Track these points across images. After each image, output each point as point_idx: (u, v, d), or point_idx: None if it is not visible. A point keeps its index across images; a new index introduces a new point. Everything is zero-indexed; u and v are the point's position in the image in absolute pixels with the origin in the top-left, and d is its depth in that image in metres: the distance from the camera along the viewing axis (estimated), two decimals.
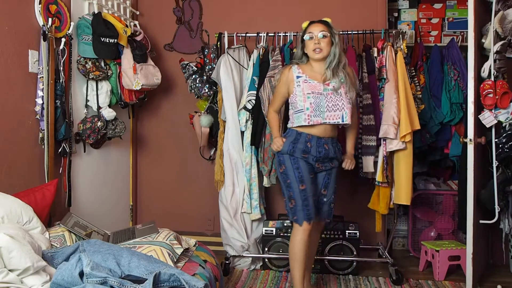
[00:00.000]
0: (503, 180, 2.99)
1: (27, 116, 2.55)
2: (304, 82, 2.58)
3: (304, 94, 2.55)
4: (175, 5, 3.84)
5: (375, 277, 3.22)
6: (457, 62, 3.56)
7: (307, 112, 2.53)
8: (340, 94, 2.55)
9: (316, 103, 2.53)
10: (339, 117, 2.54)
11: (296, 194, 2.58)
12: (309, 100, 2.54)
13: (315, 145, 2.57)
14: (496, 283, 3.02)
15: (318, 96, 2.53)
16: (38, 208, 2.20)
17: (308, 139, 2.57)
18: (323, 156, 2.59)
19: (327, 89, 2.56)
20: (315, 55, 2.58)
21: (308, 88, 2.56)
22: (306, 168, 2.58)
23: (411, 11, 4.01)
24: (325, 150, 2.59)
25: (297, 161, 2.58)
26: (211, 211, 3.76)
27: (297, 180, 2.57)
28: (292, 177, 2.57)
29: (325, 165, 2.64)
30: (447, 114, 3.54)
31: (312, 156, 2.58)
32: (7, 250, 1.66)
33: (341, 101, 2.54)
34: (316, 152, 2.57)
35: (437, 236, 3.64)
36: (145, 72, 3.19)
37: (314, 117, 2.53)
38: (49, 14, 2.63)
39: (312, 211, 2.58)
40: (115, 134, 3.14)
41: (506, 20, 2.95)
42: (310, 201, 2.57)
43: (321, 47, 2.56)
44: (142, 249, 2.11)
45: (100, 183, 3.29)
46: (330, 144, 2.61)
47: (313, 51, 2.58)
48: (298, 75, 2.61)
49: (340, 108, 2.54)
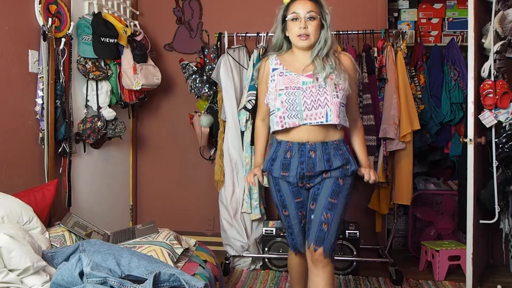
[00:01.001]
0: (503, 180, 2.99)
1: (27, 116, 2.55)
2: (279, 75, 2.09)
3: (276, 91, 2.05)
4: (175, 5, 3.84)
5: (375, 277, 3.22)
6: (457, 62, 3.56)
7: (278, 113, 2.03)
8: (323, 87, 2.01)
9: (290, 100, 2.01)
10: (322, 115, 2.00)
11: (282, 219, 2.21)
12: (280, 98, 2.02)
13: (297, 155, 2.05)
14: (496, 283, 3.02)
15: (293, 92, 2.02)
16: (38, 208, 2.20)
17: (288, 147, 2.07)
18: (307, 170, 2.04)
19: (308, 82, 2.03)
20: (299, 41, 2.04)
21: (281, 83, 2.05)
22: (288, 190, 2.11)
23: (411, 11, 4.01)
24: (311, 160, 2.03)
25: (278, 182, 2.12)
26: (211, 211, 3.76)
27: (279, 205, 2.17)
28: (275, 199, 2.17)
29: (314, 182, 2.09)
30: (447, 114, 3.55)
31: (292, 174, 2.06)
32: (7, 250, 1.66)
33: (323, 95, 2.00)
34: (297, 165, 2.05)
35: (437, 236, 3.63)
36: (145, 72, 3.19)
37: (288, 118, 2.02)
38: (49, 14, 2.63)
39: (297, 241, 2.17)
40: (115, 134, 3.14)
41: (506, 20, 2.95)
42: (295, 229, 2.15)
43: (307, 32, 2.03)
44: (142, 249, 2.11)
45: (100, 183, 3.29)
46: (321, 150, 2.04)
47: (297, 36, 2.04)
48: (274, 67, 2.12)
49: (323, 104, 2.00)
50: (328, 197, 2.04)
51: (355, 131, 2.24)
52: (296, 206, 2.13)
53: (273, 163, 2.12)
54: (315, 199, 2.07)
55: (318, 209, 2.04)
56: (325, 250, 2.03)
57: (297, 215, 2.14)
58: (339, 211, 2.05)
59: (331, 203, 2.04)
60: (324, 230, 2.02)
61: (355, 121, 2.23)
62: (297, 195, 2.12)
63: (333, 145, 2.06)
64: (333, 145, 2.06)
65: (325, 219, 2.03)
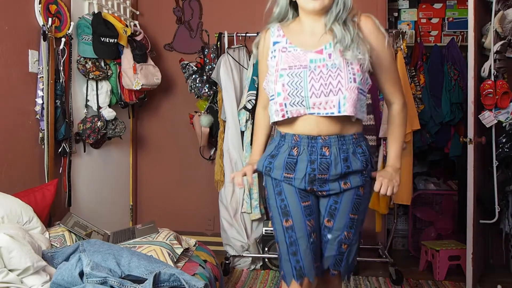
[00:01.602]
0: (503, 180, 3.00)
1: (27, 116, 2.55)
2: (281, 51, 1.63)
3: (277, 71, 1.60)
4: (175, 5, 3.84)
5: (375, 277, 3.22)
6: (457, 62, 3.56)
7: (278, 99, 1.59)
8: (337, 67, 1.54)
9: (293, 83, 1.56)
10: (334, 104, 1.54)
11: (279, 234, 1.66)
12: (281, 80, 1.58)
13: (306, 152, 1.61)
14: (496, 283, 3.02)
15: (298, 72, 1.57)
16: (38, 208, 2.20)
17: (295, 142, 1.62)
18: (319, 172, 1.60)
19: (317, 59, 1.57)
20: (309, 3, 1.57)
21: (284, 61, 1.61)
22: (293, 192, 1.64)
23: (411, 11, 4.01)
24: (325, 158, 1.59)
25: (279, 184, 1.66)
26: (211, 211, 3.76)
27: (278, 212, 1.66)
28: (274, 207, 1.68)
29: (327, 189, 1.63)
30: (447, 114, 3.55)
31: (298, 176, 1.62)
32: (7, 250, 1.66)
33: (336, 78, 1.54)
34: (306, 165, 1.60)
35: (437, 236, 3.63)
36: (145, 72, 3.19)
37: (291, 105, 1.58)
38: (49, 14, 2.62)
39: (304, 264, 1.62)
40: (115, 134, 3.14)
41: (506, 20, 2.95)
42: (302, 247, 1.62)
43: None
44: (142, 249, 2.11)
45: (100, 183, 3.29)
46: (337, 146, 1.60)
47: None
48: (276, 40, 1.66)
49: (335, 90, 1.53)
50: (349, 213, 1.65)
51: (391, 116, 1.73)
52: (304, 212, 1.64)
53: (273, 161, 1.67)
54: (333, 215, 1.65)
55: (338, 228, 1.65)
56: (343, 274, 1.71)
57: (304, 225, 1.63)
58: (359, 225, 1.69)
59: (352, 220, 1.65)
60: (343, 251, 1.67)
61: (390, 104, 1.73)
62: (304, 198, 1.65)
63: (352, 140, 1.62)
64: (352, 140, 1.62)
65: (346, 239, 1.65)
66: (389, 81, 1.70)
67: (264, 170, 1.70)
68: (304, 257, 1.62)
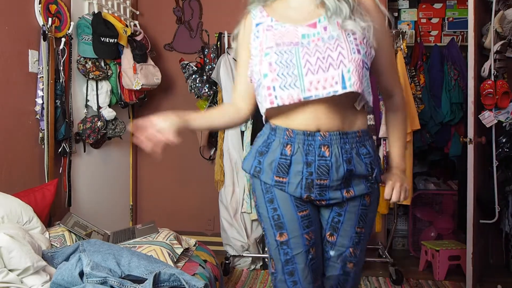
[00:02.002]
0: (503, 180, 3.00)
1: (27, 116, 2.55)
2: (266, 30, 1.35)
3: (261, 51, 1.32)
4: (175, 5, 3.84)
5: (375, 277, 3.22)
6: (457, 62, 3.57)
7: (265, 81, 1.29)
8: (336, 39, 1.27)
9: (283, 61, 1.27)
10: (336, 80, 1.24)
11: (273, 249, 1.41)
12: (267, 59, 1.29)
13: (301, 151, 1.32)
14: (496, 283, 3.02)
15: (288, 49, 1.28)
16: (38, 208, 2.20)
17: (288, 139, 1.33)
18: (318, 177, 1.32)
19: (311, 33, 1.29)
20: None
21: (269, 39, 1.32)
22: (287, 199, 1.36)
23: (411, 11, 4.01)
24: (324, 160, 1.31)
25: (270, 190, 1.38)
26: (211, 211, 3.75)
27: (271, 224, 1.39)
28: (265, 217, 1.41)
29: (327, 197, 1.36)
30: (447, 114, 3.55)
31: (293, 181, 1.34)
32: (7, 250, 1.66)
33: (336, 49, 1.25)
34: (301, 168, 1.32)
35: (437, 236, 3.63)
36: (145, 72, 3.19)
37: (281, 88, 1.27)
38: (49, 14, 2.62)
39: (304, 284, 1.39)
40: (115, 134, 3.14)
41: (506, 19, 2.95)
42: (299, 265, 1.37)
43: None
44: (142, 249, 2.11)
45: (100, 183, 3.29)
46: (338, 145, 1.32)
47: None
48: (258, 22, 1.39)
49: (336, 63, 1.24)
50: (355, 226, 1.41)
51: (390, 112, 1.49)
52: (301, 224, 1.37)
53: (262, 160, 1.38)
54: (336, 229, 1.41)
55: (341, 244, 1.41)
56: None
57: (302, 239, 1.37)
58: (366, 239, 1.46)
59: (358, 235, 1.42)
60: (349, 271, 1.44)
61: (390, 95, 1.48)
62: (301, 206, 1.37)
63: (356, 138, 1.34)
64: (356, 138, 1.34)
65: (351, 257, 1.42)
66: (390, 68, 1.45)
67: (253, 171, 1.40)
68: (302, 278, 1.38)
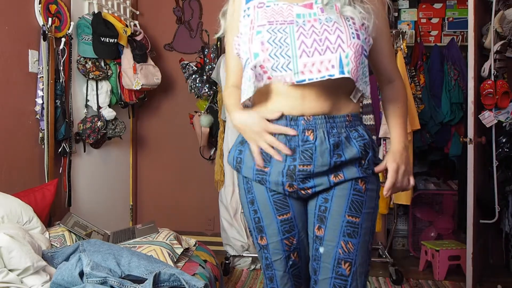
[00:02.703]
0: (503, 180, 3.00)
1: (27, 116, 2.55)
2: (257, 7, 1.25)
3: (252, 29, 1.22)
4: (175, 5, 3.84)
5: (375, 277, 3.22)
6: (457, 62, 3.56)
7: (255, 60, 1.18)
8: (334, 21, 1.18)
9: (276, 40, 1.17)
10: (332, 64, 1.15)
11: (257, 251, 1.36)
12: (259, 37, 1.18)
13: (283, 137, 1.22)
14: (496, 283, 3.02)
15: (281, 28, 1.18)
16: (38, 208, 2.20)
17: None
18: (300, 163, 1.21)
19: (306, 13, 1.20)
20: None
21: (261, 17, 1.22)
22: (266, 200, 1.28)
23: (411, 10, 4.00)
24: (308, 145, 1.21)
25: (251, 188, 1.30)
26: (211, 211, 3.76)
27: (253, 226, 1.32)
28: (248, 218, 1.34)
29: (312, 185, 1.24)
30: (447, 114, 3.55)
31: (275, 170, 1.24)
32: (7, 250, 1.66)
33: (334, 32, 1.16)
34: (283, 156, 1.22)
35: (437, 236, 3.63)
36: (145, 72, 3.19)
37: (273, 70, 1.18)
38: (49, 14, 2.62)
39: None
40: (115, 134, 3.14)
41: (506, 19, 2.95)
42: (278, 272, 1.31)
43: None
44: (142, 249, 2.11)
45: (100, 183, 3.29)
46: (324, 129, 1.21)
47: None
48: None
49: (333, 46, 1.15)
50: (345, 214, 1.23)
51: (390, 97, 1.37)
52: (280, 228, 1.28)
53: (243, 149, 1.30)
54: (323, 219, 1.24)
55: (331, 237, 1.23)
56: None
57: (281, 245, 1.28)
58: (365, 235, 1.25)
59: (351, 224, 1.23)
60: (345, 273, 1.22)
61: (390, 81, 1.38)
62: (281, 209, 1.27)
63: (345, 122, 1.24)
64: (345, 122, 1.24)
65: (345, 254, 1.22)
66: (390, 54, 1.36)
67: (235, 164, 1.31)
68: (281, 285, 1.31)
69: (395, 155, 1.28)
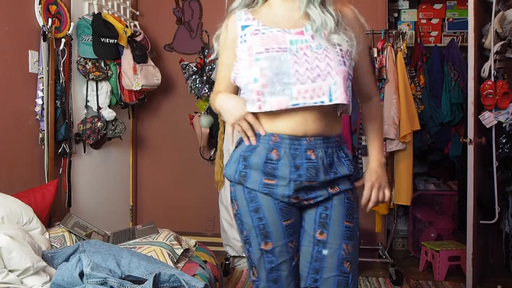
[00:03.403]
0: (503, 181, 3.00)
1: (27, 116, 2.55)
2: (253, 33, 1.37)
3: (252, 55, 1.34)
4: (175, 5, 3.84)
5: (375, 278, 3.22)
6: (457, 62, 3.57)
7: (255, 86, 1.31)
8: (323, 48, 1.33)
9: (274, 68, 1.30)
10: (323, 91, 1.30)
11: (256, 258, 1.41)
12: (258, 64, 1.31)
13: (288, 157, 1.34)
14: (496, 283, 3.02)
15: (277, 55, 1.31)
16: (38, 208, 2.20)
17: (273, 144, 1.35)
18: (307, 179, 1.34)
19: (299, 40, 1.34)
20: None
21: (258, 44, 1.34)
22: (273, 208, 1.37)
23: (411, 11, 4.01)
24: (311, 163, 1.34)
25: (256, 198, 1.39)
26: (211, 212, 3.75)
27: (256, 233, 1.39)
28: (249, 226, 1.41)
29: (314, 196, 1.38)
30: (447, 115, 3.55)
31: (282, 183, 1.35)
32: (7, 251, 1.66)
33: (324, 60, 1.31)
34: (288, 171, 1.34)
35: (437, 236, 3.63)
36: (145, 73, 3.19)
37: (270, 95, 1.30)
38: (49, 15, 2.63)
39: None
40: (115, 135, 3.14)
41: (506, 20, 2.95)
42: (283, 273, 1.39)
43: None
44: (142, 250, 2.11)
45: (100, 184, 3.29)
46: (322, 149, 1.36)
47: None
48: (245, 24, 1.40)
49: (323, 73, 1.30)
50: (343, 220, 1.39)
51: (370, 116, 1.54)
52: (286, 232, 1.38)
53: (247, 164, 1.38)
54: (325, 225, 1.38)
55: (333, 241, 1.38)
56: None
57: (286, 248, 1.38)
58: (357, 237, 1.44)
59: (348, 229, 1.39)
60: (347, 271, 1.38)
61: (370, 98, 1.54)
62: (286, 215, 1.38)
63: (335, 143, 1.39)
64: (335, 143, 1.39)
65: (347, 255, 1.38)
66: (369, 74, 1.53)
67: (238, 176, 1.39)
68: (286, 285, 1.40)
69: (371, 173, 1.48)
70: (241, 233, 1.45)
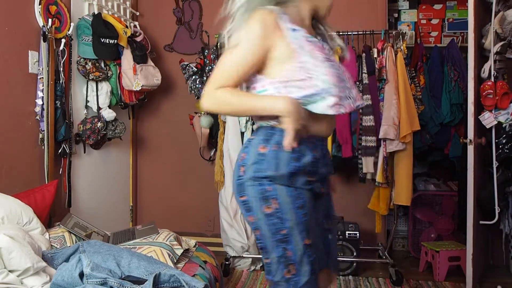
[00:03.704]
0: (503, 181, 3.00)
1: (27, 116, 2.55)
2: (307, 40, 1.38)
3: (322, 61, 1.36)
4: (175, 5, 3.84)
5: (375, 278, 3.22)
6: (457, 62, 3.57)
7: (332, 90, 1.33)
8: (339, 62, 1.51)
9: (339, 74, 1.39)
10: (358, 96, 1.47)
11: (298, 254, 1.38)
12: (331, 70, 1.36)
13: (320, 153, 1.46)
14: (496, 283, 3.02)
15: (333, 63, 1.40)
16: (38, 208, 2.20)
17: (313, 145, 1.43)
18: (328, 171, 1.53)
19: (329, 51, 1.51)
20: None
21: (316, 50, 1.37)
22: (312, 205, 1.44)
23: (411, 11, 4.01)
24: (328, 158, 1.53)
25: (302, 194, 1.40)
26: (211, 212, 3.76)
27: (300, 229, 1.38)
28: (294, 223, 1.37)
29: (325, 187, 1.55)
30: (447, 115, 3.55)
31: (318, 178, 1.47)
32: (7, 251, 1.66)
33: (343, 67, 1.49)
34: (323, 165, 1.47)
35: (437, 236, 3.63)
36: (145, 73, 3.19)
37: (345, 99, 1.39)
38: (49, 15, 2.63)
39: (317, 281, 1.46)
40: (115, 135, 3.14)
41: (506, 20, 2.95)
42: (316, 266, 1.43)
43: None
44: (142, 250, 2.11)
45: (100, 184, 3.29)
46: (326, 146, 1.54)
47: None
48: (292, 27, 1.37)
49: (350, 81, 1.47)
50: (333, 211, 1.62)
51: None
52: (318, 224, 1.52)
53: (299, 166, 1.39)
54: (329, 215, 1.55)
55: (333, 227, 1.61)
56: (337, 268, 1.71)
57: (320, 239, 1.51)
58: None
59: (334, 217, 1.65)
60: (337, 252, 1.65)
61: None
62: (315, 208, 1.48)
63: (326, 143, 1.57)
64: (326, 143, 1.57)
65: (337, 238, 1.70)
66: None
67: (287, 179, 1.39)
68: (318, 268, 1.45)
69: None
70: (278, 232, 1.38)
